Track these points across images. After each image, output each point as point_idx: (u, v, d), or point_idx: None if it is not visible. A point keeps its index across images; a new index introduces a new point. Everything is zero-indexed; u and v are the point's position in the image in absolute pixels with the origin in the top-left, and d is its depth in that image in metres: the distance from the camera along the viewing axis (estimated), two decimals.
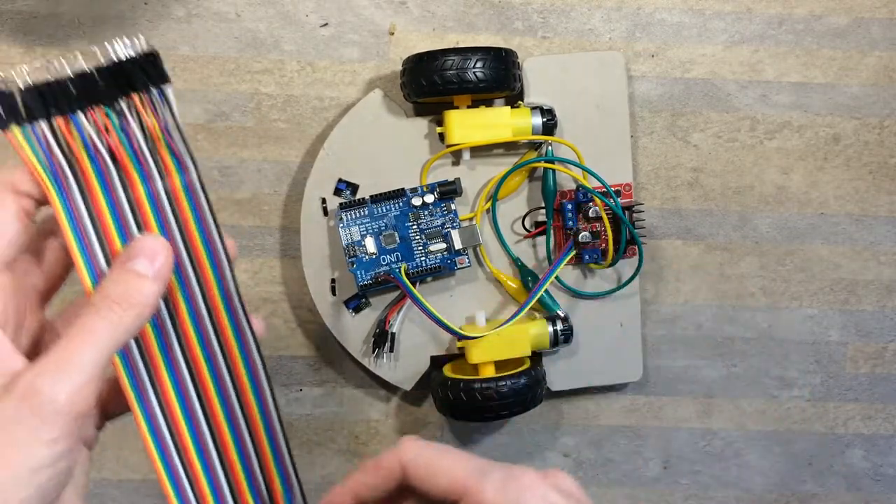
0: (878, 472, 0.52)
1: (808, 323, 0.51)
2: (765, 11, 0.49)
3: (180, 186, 0.29)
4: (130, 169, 0.28)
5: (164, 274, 0.28)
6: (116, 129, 0.27)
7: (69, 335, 0.26)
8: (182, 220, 0.29)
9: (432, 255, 0.46)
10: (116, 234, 0.28)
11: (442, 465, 0.29)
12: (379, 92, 0.47)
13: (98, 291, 0.27)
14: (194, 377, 0.30)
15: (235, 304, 0.30)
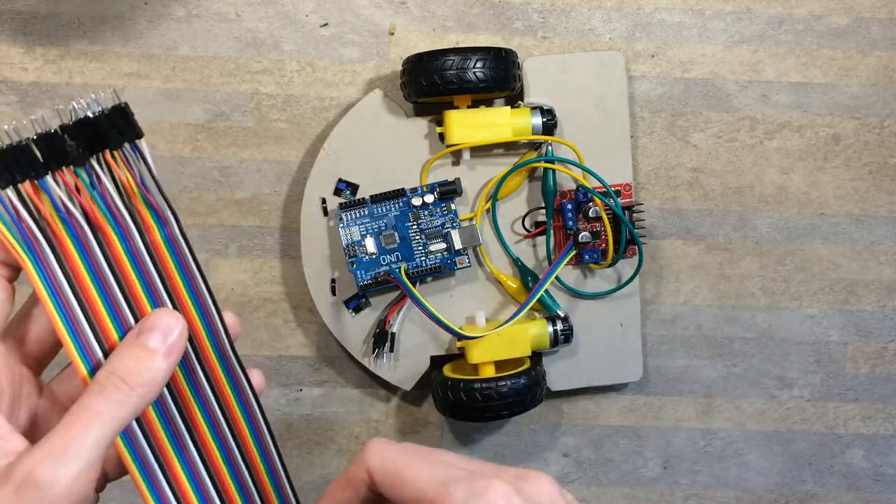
0: (878, 472, 0.52)
1: (808, 323, 0.51)
2: (765, 11, 0.49)
3: (161, 240, 0.27)
4: (106, 228, 0.27)
5: (176, 350, 0.27)
6: (87, 187, 0.26)
7: (70, 417, 0.25)
8: (166, 275, 0.28)
9: (432, 255, 0.46)
10: (98, 297, 0.27)
11: (406, 475, 0.27)
12: (379, 92, 0.47)
13: (104, 367, 0.26)
14: (195, 439, 0.29)
15: (229, 354, 0.29)
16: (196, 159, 0.49)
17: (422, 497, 0.26)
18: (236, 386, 0.29)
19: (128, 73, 0.48)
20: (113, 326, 0.27)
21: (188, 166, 0.49)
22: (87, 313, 0.27)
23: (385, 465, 0.28)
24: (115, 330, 0.27)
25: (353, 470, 0.28)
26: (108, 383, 0.25)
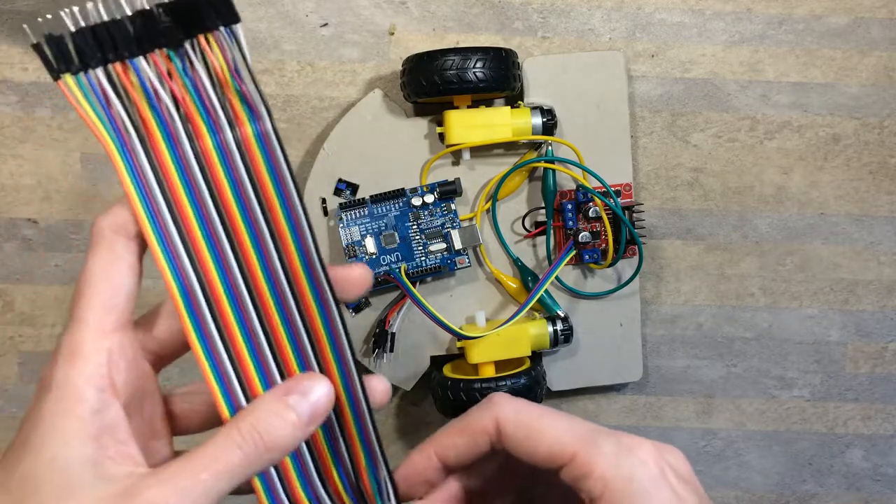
0: (878, 472, 0.52)
1: (808, 323, 0.51)
2: (765, 11, 0.49)
3: (252, 135, 0.25)
4: (196, 118, 0.25)
5: (318, 421, 0.25)
6: (180, 73, 0.24)
7: (202, 460, 0.24)
8: (255, 172, 0.25)
9: (432, 255, 0.46)
10: (184, 192, 0.25)
11: (544, 429, 0.25)
12: (379, 92, 0.47)
13: (247, 417, 0.25)
14: (271, 342, 0.26)
15: (313, 258, 0.26)
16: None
17: (561, 451, 0.25)
18: (315, 286, 0.27)
19: None
20: (198, 227, 0.26)
21: None
22: (172, 209, 0.25)
23: (518, 415, 0.26)
24: (200, 231, 0.26)
25: (476, 418, 0.26)
26: (249, 439, 0.24)
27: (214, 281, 0.26)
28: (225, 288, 0.26)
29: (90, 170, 0.49)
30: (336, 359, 0.27)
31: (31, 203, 0.49)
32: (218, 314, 0.26)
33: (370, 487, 0.28)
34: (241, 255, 0.26)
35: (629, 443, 0.25)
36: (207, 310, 0.26)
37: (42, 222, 0.49)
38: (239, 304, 0.26)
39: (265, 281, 0.26)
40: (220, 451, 0.24)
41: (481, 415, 0.26)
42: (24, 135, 0.48)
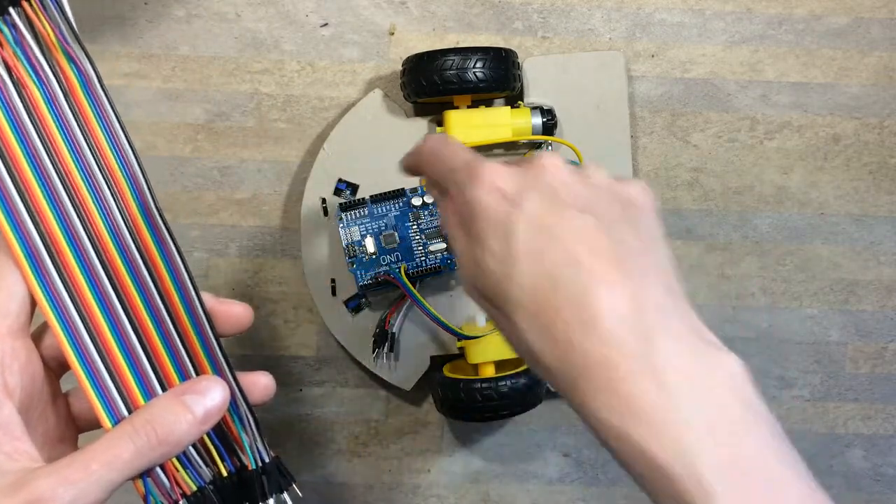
0: (878, 472, 0.52)
1: (808, 323, 0.51)
2: (765, 11, 0.49)
3: (77, 83, 0.27)
4: (25, 77, 0.27)
5: (212, 420, 0.27)
6: (10, 42, 0.26)
7: (94, 452, 0.25)
8: (81, 115, 0.27)
9: (432, 255, 0.46)
10: (23, 156, 0.27)
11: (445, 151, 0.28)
12: (379, 92, 0.47)
13: (142, 413, 0.26)
14: (110, 274, 0.28)
15: (141, 184, 0.29)
16: (196, 159, 0.49)
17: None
18: (161, 245, 0.29)
19: (128, 73, 0.48)
20: (42, 194, 0.27)
21: (188, 166, 0.49)
22: (14, 176, 0.27)
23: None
24: (43, 196, 0.27)
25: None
26: (142, 432, 0.25)
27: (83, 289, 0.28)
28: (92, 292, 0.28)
29: None
30: (203, 346, 0.29)
31: None
32: (93, 328, 0.27)
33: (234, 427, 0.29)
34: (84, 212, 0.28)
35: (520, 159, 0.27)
36: (81, 325, 0.27)
37: None
38: (109, 308, 0.28)
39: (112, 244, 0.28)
40: (113, 443, 0.25)
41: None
42: None
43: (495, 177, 0.26)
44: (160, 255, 0.29)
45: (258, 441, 0.30)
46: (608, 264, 0.24)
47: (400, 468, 0.51)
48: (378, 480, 0.51)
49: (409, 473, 0.51)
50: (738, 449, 0.22)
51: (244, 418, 0.30)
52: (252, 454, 0.29)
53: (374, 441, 0.50)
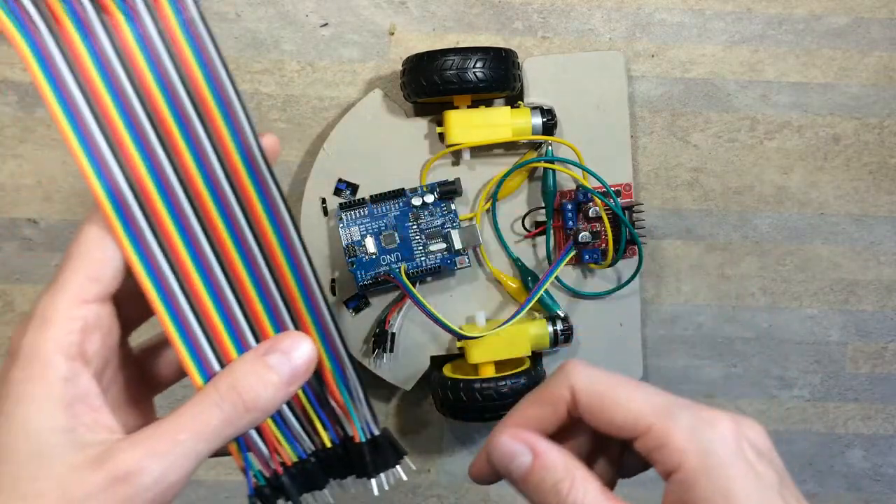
0: (878, 472, 0.52)
1: (808, 323, 0.51)
2: (765, 11, 0.49)
3: (176, 24, 0.23)
4: (112, 7, 0.23)
5: (299, 381, 0.25)
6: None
7: (181, 421, 0.23)
8: (182, 64, 0.24)
9: (432, 255, 0.46)
10: (106, 92, 0.24)
11: (619, 399, 0.25)
12: (379, 92, 0.47)
13: (225, 377, 0.24)
14: (199, 214, 0.25)
15: (247, 136, 0.25)
16: None
17: (636, 422, 0.25)
18: (248, 158, 0.25)
19: None
20: (128, 135, 0.24)
21: None
22: (96, 113, 0.24)
23: (593, 385, 0.25)
24: (130, 138, 0.24)
25: (553, 387, 0.26)
26: (228, 399, 0.24)
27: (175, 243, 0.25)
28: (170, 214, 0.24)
29: None
30: (308, 307, 0.26)
31: (31, 203, 0.49)
32: (188, 285, 0.25)
33: (340, 396, 0.27)
34: (181, 167, 0.24)
35: (707, 416, 0.24)
36: (176, 283, 0.25)
37: (42, 222, 0.49)
38: (203, 262, 0.25)
39: (211, 199, 0.25)
40: (199, 412, 0.23)
41: (557, 384, 0.26)
42: (24, 135, 0.48)
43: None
44: (260, 199, 0.25)
45: (366, 410, 0.27)
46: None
47: None
48: None
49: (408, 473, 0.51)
50: None
51: (350, 383, 0.27)
52: (360, 425, 0.27)
53: None
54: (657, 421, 0.24)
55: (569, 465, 0.25)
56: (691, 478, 0.24)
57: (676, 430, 0.24)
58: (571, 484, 0.25)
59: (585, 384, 0.26)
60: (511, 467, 0.26)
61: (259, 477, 0.26)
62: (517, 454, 0.26)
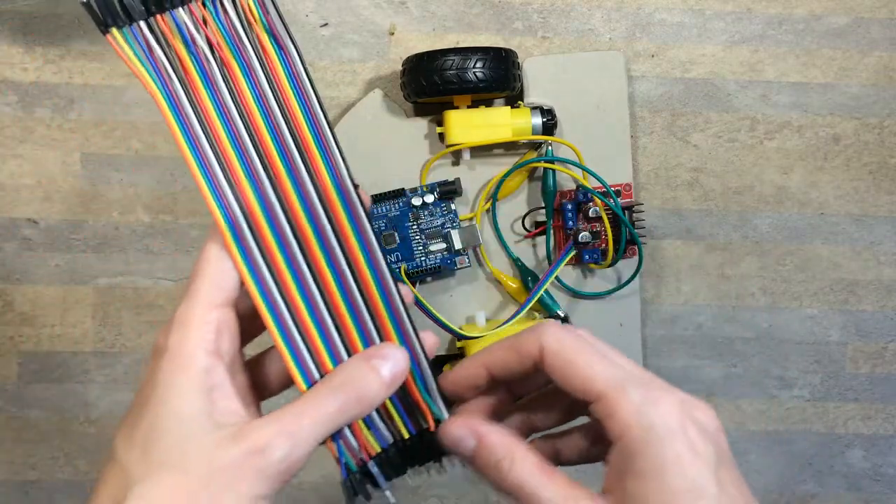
0: (878, 472, 0.52)
1: (808, 323, 0.51)
2: (765, 11, 0.49)
3: (283, 74, 0.28)
4: (230, 60, 0.27)
5: (397, 383, 0.29)
6: (214, 18, 0.27)
7: (305, 406, 0.27)
8: (288, 111, 0.28)
9: (432, 255, 0.46)
10: (224, 133, 0.28)
11: (580, 365, 0.27)
12: (379, 92, 0.47)
13: (338, 375, 0.28)
14: (302, 247, 0.29)
15: (336, 159, 0.30)
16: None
17: (590, 389, 0.27)
18: (354, 220, 0.30)
19: (128, 73, 0.48)
20: (241, 170, 0.28)
21: None
22: (215, 148, 0.28)
23: (561, 348, 0.28)
24: (243, 172, 0.28)
25: (524, 340, 0.29)
26: (343, 392, 0.27)
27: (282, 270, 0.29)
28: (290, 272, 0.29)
29: (90, 170, 0.49)
30: (391, 319, 0.30)
31: (31, 203, 0.49)
32: (291, 304, 0.29)
33: (417, 390, 0.30)
34: (284, 197, 0.29)
35: (656, 394, 0.27)
36: (282, 302, 0.29)
37: (42, 222, 0.49)
38: (304, 286, 0.29)
39: (305, 217, 0.29)
40: (320, 399, 0.27)
41: (528, 338, 0.28)
42: (24, 135, 0.48)
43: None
44: (352, 228, 0.30)
45: (440, 403, 0.31)
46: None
47: None
48: None
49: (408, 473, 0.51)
50: None
51: (428, 382, 0.31)
52: (434, 413, 0.30)
53: None
54: (609, 392, 0.26)
55: (509, 444, 0.28)
56: (632, 448, 0.26)
57: (624, 403, 0.26)
58: (511, 461, 0.28)
59: (553, 345, 0.28)
60: (459, 449, 0.29)
61: (350, 464, 0.30)
62: (462, 438, 0.29)
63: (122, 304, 0.49)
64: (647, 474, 0.25)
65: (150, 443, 0.25)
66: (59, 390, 0.50)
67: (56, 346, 0.49)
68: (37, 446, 0.50)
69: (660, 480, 0.25)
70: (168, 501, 0.24)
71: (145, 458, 0.25)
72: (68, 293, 0.49)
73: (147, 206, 0.49)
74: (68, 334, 0.49)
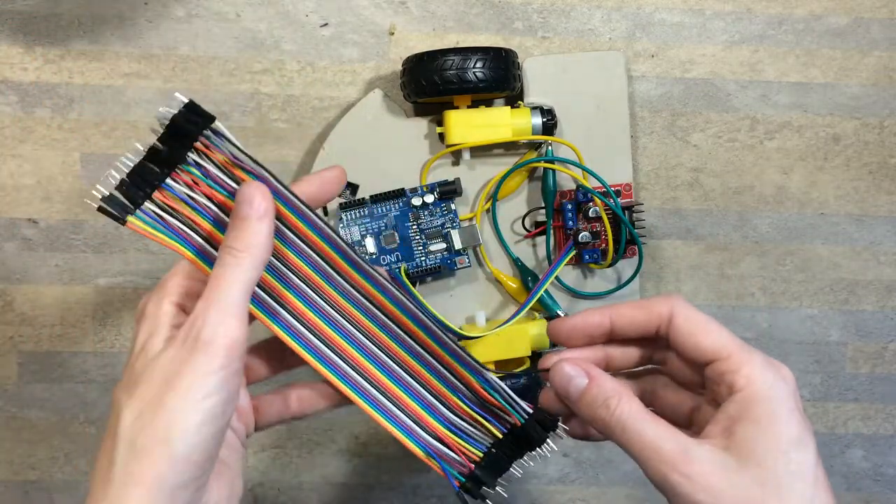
0: (878, 472, 0.52)
1: (808, 323, 0.51)
2: (765, 11, 0.49)
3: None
4: (225, 201, 0.32)
5: (266, 211, 0.30)
6: (201, 178, 0.32)
7: (207, 291, 0.29)
8: (282, 216, 0.32)
9: (432, 255, 0.46)
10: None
11: (711, 330, 0.31)
12: (379, 92, 0.47)
13: (224, 242, 0.30)
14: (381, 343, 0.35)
15: (352, 256, 0.33)
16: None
17: (721, 348, 0.30)
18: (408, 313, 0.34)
19: (128, 73, 0.48)
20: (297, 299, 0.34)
21: None
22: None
23: (691, 313, 0.31)
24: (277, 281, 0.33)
25: (655, 301, 0.32)
26: (223, 254, 0.30)
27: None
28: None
29: (90, 170, 0.49)
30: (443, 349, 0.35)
31: (31, 203, 0.49)
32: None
33: (491, 398, 0.35)
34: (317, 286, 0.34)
35: (777, 362, 0.31)
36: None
37: (42, 222, 0.49)
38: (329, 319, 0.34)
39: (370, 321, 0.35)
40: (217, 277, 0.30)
41: (659, 300, 0.32)
42: (24, 135, 0.48)
43: None
44: (409, 318, 0.34)
45: (514, 399, 0.35)
46: None
47: (400, 468, 0.51)
48: (378, 480, 0.51)
49: (408, 473, 0.51)
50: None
51: (495, 385, 0.35)
52: (515, 411, 0.35)
53: (374, 441, 0.50)
54: (738, 352, 0.30)
55: (617, 386, 0.31)
56: (754, 398, 0.29)
57: (751, 362, 0.30)
58: (619, 400, 0.31)
59: (685, 309, 0.31)
60: (570, 387, 0.32)
61: (458, 476, 0.35)
62: (574, 377, 0.32)
63: (122, 304, 0.49)
64: (762, 421, 0.29)
65: (133, 380, 0.29)
66: (58, 390, 0.50)
67: (56, 346, 0.49)
68: (37, 446, 0.50)
69: (774, 428, 0.29)
70: (137, 418, 0.28)
71: (129, 391, 0.28)
72: (68, 293, 0.49)
73: None
74: (68, 334, 0.49)
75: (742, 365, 0.30)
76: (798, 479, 0.30)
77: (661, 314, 0.32)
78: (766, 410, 0.29)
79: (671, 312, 0.31)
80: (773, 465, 0.29)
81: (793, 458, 0.29)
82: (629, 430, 0.30)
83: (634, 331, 0.32)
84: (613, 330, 0.33)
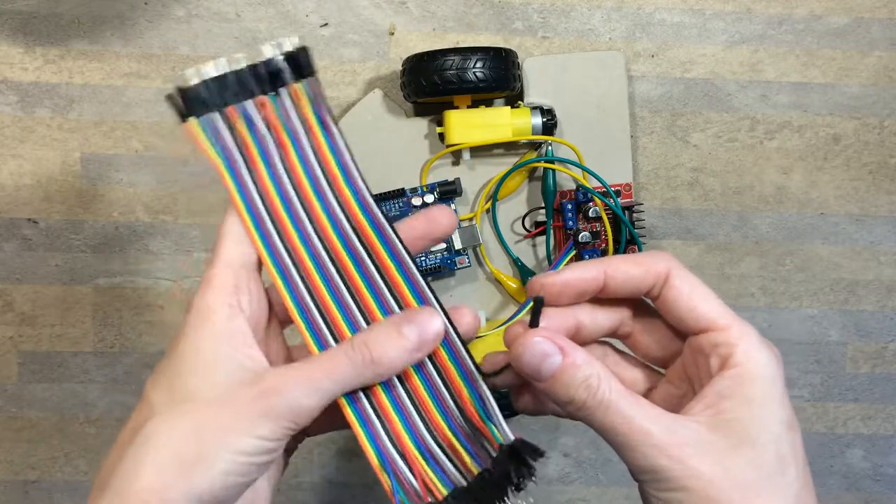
0: (878, 472, 0.52)
1: (808, 323, 0.51)
2: (765, 11, 0.49)
3: (324, 142, 0.31)
4: (284, 138, 0.31)
5: (426, 349, 0.29)
6: (271, 100, 0.30)
7: (318, 360, 0.28)
8: (331, 178, 0.31)
9: (432, 255, 0.46)
10: (281, 205, 0.31)
11: (708, 295, 0.29)
12: (379, 92, 0.47)
13: (362, 336, 0.28)
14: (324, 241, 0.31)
15: (389, 234, 0.31)
16: (196, 159, 0.49)
17: (716, 320, 0.29)
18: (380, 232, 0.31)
19: (128, 73, 0.48)
20: (291, 225, 0.31)
21: (188, 166, 0.49)
22: (274, 219, 0.31)
23: (688, 275, 0.29)
24: (291, 224, 0.31)
25: (652, 257, 0.29)
26: (358, 350, 0.28)
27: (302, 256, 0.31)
28: (310, 257, 0.31)
29: (90, 170, 0.49)
30: (416, 299, 0.30)
31: (31, 203, 0.49)
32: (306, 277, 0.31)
33: (477, 415, 0.30)
34: (320, 230, 0.31)
35: (767, 341, 0.29)
36: (297, 274, 0.31)
37: (42, 222, 0.49)
38: (321, 265, 0.31)
39: (342, 248, 0.31)
40: (332, 358, 0.28)
41: (656, 257, 0.29)
42: (24, 135, 0.48)
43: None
44: (378, 237, 0.31)
45: (500, 421, 0.30)
46: None
47: None
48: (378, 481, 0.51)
49: None
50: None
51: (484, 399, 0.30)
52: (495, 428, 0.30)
53: None
54: (736, 324, 0.29)
55: (594, 363, 0.28)
56: (749, 375, 0.28)
57: (749, 337, 0.29)
58: (600, 380, 0.28)
59: (682, 270, 0.29)
60: (543, 366, 0.28)
61: (405, 501, 0.30)
62: (549, 354, 0.28)
63: (122, 304, 0.49)
64: (756, 401, 0.28)
65: (174, 381, 0.27)
66: (59, 390, 0.50)
67: (56, 346, 0.49)
68: (37, 446, 0.50)
69: (769, 409, 0.28)
70: (176, 430, 0.26)
71: (169, 394, 0.27)
72: (68, 293, 0.49)
73: (147, 206, 0.49)
74: (68, 334, 0.49)
75: (741, 339, 0.28)
76: (791, 464, 0.28)
77: (659, 272, 0.29)
78: (760, 390, 0.28)
79: (668, 269, 0.29)
80: (767, 448, 0.28)
81: (786, 440, 0.28)
82: (613, 412, 0.27)
83: (628, 289, 0.30)
84: (606, 287, 0.30)
